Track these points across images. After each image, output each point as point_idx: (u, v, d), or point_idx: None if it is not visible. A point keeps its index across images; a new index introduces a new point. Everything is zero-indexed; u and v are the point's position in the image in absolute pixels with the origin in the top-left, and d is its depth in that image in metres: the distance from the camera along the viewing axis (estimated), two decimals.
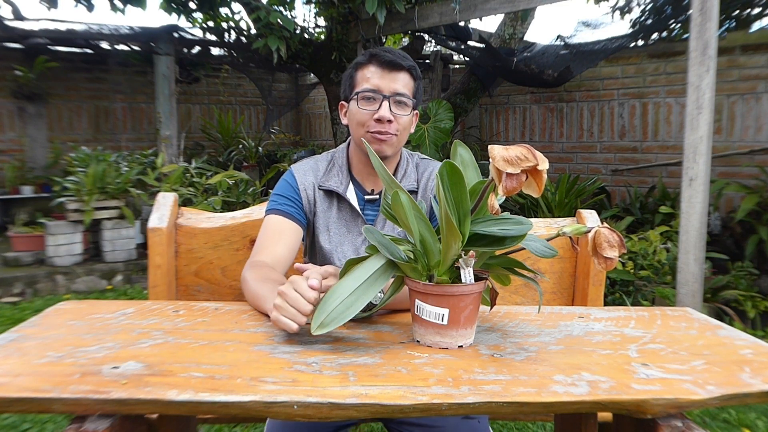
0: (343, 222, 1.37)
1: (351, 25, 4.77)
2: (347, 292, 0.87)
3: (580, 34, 4.29)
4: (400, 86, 1.29)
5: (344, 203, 1.37)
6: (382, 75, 1.29)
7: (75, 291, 4.17)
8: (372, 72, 1.30)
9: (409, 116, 1.32)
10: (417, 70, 1.34)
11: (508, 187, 0.78)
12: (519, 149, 0.78)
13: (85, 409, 0.73)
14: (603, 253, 0.87)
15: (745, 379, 0.79)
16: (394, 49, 1.35)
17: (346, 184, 1.37)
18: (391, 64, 1.29)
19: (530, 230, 0.86)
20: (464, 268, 0.89)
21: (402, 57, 1.30)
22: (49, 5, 4.65)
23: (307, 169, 1.40)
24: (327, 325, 0.84)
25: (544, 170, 0.78)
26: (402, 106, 1.30)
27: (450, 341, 0.90)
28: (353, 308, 0.86)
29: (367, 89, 1.29)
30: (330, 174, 1.39)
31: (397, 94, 1.29)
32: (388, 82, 1.29)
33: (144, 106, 6.70)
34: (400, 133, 1.32)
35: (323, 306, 0.86)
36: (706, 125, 2.46)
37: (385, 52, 1.30)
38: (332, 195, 1.38)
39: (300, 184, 1.37)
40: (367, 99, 1.29)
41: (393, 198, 0.89)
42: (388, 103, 1.28)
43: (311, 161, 1.43)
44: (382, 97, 1.28)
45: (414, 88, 1.33)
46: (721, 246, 3.74)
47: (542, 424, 2.24)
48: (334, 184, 1.37)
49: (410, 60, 1.32)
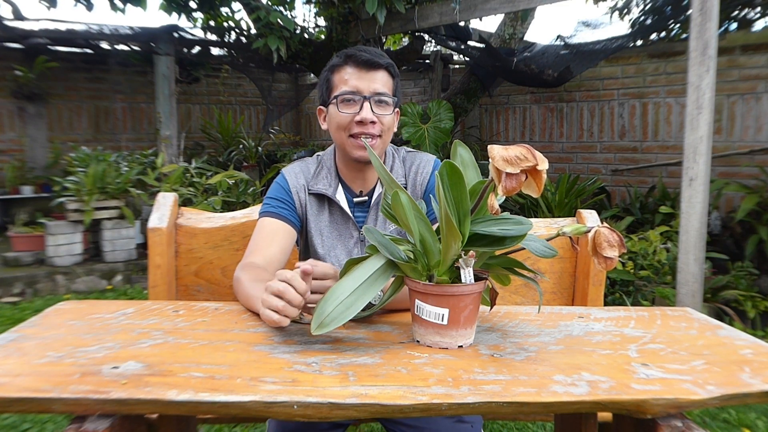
0: (335, 226, 1.36)
1: (351, 25, 4.77)
2: (347, 293, 0.87)
3: (580, 34, 4.29)
4: (379, 85, 1.26)
5: (335, 206, 1.36)
6: (359, 75, 1.26)
7: (75, 291, 4.18)
8: (349, 73, 1.27)
9: (391, 115, 1.29)
10: (394, 67, 1.31)
11: (507, 187, 0.78)
12: (519, 149, 0.78)
13: (85, 409, 0.73)
14: (603, 253, 0.87)
15: (745, 379, 0.79)
16: (369, 47, 1.31)
17: (335, 187, 1.36)
18: (369, 63, 1.26)
19: (530, 230, 0.86)
20: (464, 268, 0.89)
21: (378, 55, 1.27)
22: (49, 5, 4.65)
23: (297, 172, 1.38)
24: (327, 325, 0.84)
25: (544, 170, 0.78)
26: (383, 105, 1.27)
27: (450, 341, 0.90)
28: (353, 308, 0.86)
29: (347, 91, 1.26)
30: (319, 177, 1.37)
31: (377, 93, 1.26)
32: (367, 83, 1.26)
33: (144, 106, 6.70)
34: (384, 133, 1.29)
35: (323, 306, 0.86)
36: (706, 125, 2.46)
37: (360, 52, 1.27)
38: (323, 198, 1.36)
39: (292, 187, 1.36)
40: (346, 101, 1.26)
41: (393, 198, 0.89)
42: (369, 104, 1.25)
43: (301, 164, 1.41)
44: (363, 98, 1.25)
45: (393, 86, 1.30)
46: (721, 246, 3.74)
47: (542, 424, 2.24)
48: (322, 187, 1.35)
49: (387, 57, 1.30)
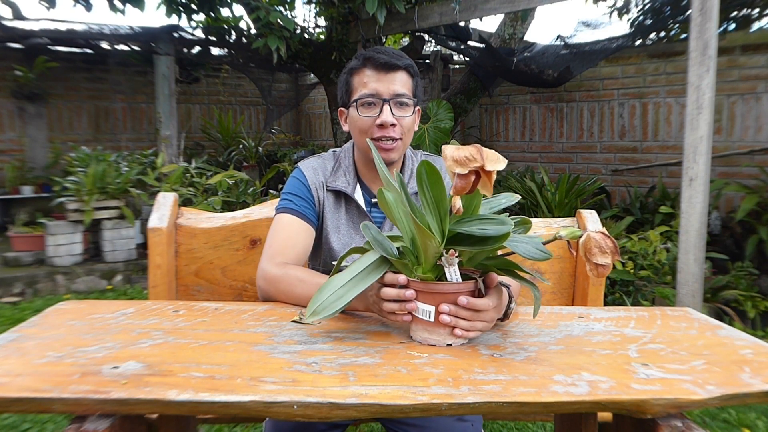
0: (352, 223, 1.36)
1: (351, 25, 4.77)
2: (340, 284, 0.90)
3: (580, 34, 4.29)
4: (399, 87, 1.26)
5: (352, 204, 1.36)
6: (378, 78, 1.25)
7: (75, 291, 4.18)
8: (368, 76, 1.26)
9: (411, 117, 1.29)
10: (414, 67, 1.30)
11: (457, 186, 0.78)
12: (469, 150, 0.77)
13: (85, 409, 0.73)
14: (593, 260, 0.84)
15: (745, 379, 0.79)
16: (388, 48, 1.31)
17: (353, 185, 1.36)
18: (387, 65, 1.25)
19: (511, 230, 0.84)
20: (447, 266, 0.89)
21: (397, 56, 1.26)
22: (49, 5, 4.65)
23: (316, 167, 1.38)
24: (319, 313, 0.88)
25: (494, 171, 0.78)
26: (403, 107, 1.27)
27: (438, 338, 0.90)
28: (343, 299, 0.89)
29: (366, 94, 1.25)
30: (337, 174, 1.37)
31: (397, 95, 1.25)
32: (387, 84, 1.25)
33: (144, 106, 6.70)
34: (404, 135, 1.29)
35: (318, 295, 0.89)
36: (706, 125, 2.46)
37: (379, 54, 1.26)
38: (340, 195, 1.36)
39: (311, 183, 1.35)
40: (367, 105, 1.26)
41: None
42: (389, 107, 1.25)
43: (318, 159, 1.40)
44: (382, 101, 1.25)
45: (413, 86, 1.30)
46: (721, 246, 3.74)
47: (542, 424, 2.24)
48: (341, 184, 1.35)
49: (405, 58, 1.29)
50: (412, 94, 1.29)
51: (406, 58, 1.28)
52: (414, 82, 1.30)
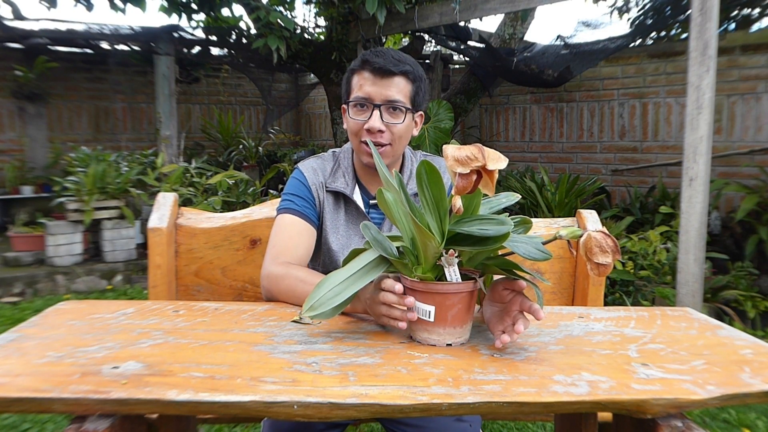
0: (351, 224, 1.36)
1: (351, 25, 4.77)
2: (338, 281, 0.90)
3: (580, 34, 4.29)
4: (393, 92, 1.24)
5: (351, 205, 1.36)
6: (374, 82, 1.24)
7: (75, 291, 4.17)
8: (365, 78, 1.25)
9: (403, 124, 1.27)
10: (414, 72, 1.27)
11: (459, 186, 0.78)
12: (470, 149, 0.77)
13: (85, 409, 0.73)
14: (594, 259, 0.84)
15: (745, 379, 0.79)
16: (389, 51, 1.27)
17: (352, 186, 1.36)
18: (382, 70, 1.23)
19: (511, 230, 0.84)
20: (447, 266, 0.89)
21: (394, 62, 1.24)
22: (49, 5, 4.65)
23: (315, 168, 1.38)
24: (315, 309, 0.88)
25: (496, 170, 0.78)
26: (396, 112, 1.25)
27: (437, 338, 0.90)
28: (341, 296, 0.89)
29: (359, 98, 1.25)
30: (336, 175, 1.37)
31: (390, 101, 1.24)
32: (380, 89, 1.24)
33: (144, 106, 6.70)
34: (395, 142, 1.27)
35: (316, 291, 0.89)
36: (706, 125, 2.46)
37: (377, 57, 1.24)
38: (339, 196, 1.36)
39: (311, 183, 1.35)
40: (359, 107, 1.26)
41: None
42: (378, 112, 1.24)
43: (317, 160, 1.40)
44: (373, 106, 1.24)
45: (412, 92, 1.27)
46: (721, 246, 3.74)
47: (542, 424, 2.24)
48: (340, 185, 1.35)
49: (405, 63, 1.26)
50: (410, 100, 1.27)
51: (406, 64, 1.26)
52: (414, 88, 1.28)
